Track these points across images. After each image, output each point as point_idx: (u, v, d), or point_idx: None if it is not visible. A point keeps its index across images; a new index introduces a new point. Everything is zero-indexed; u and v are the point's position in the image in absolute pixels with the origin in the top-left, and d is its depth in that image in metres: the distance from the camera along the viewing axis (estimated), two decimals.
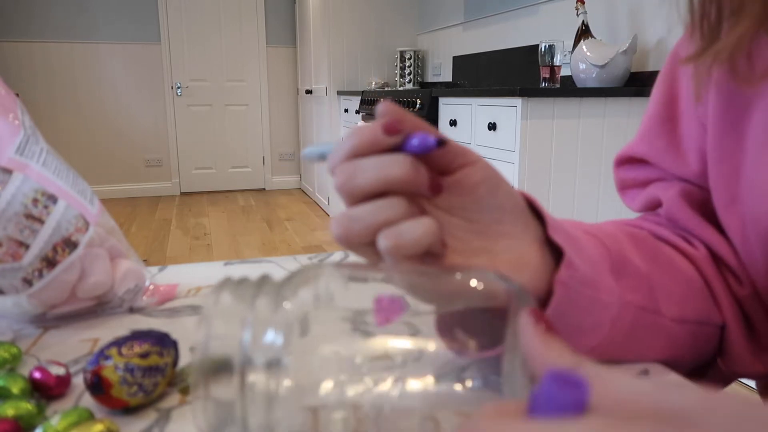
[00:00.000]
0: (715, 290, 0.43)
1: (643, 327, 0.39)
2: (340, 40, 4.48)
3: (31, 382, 0.38)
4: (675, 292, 0.41)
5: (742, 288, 0.44)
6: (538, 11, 3.02)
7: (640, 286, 0.40)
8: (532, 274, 0.33)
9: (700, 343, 0.43)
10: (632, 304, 0.39)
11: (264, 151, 5.85)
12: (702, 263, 0.44)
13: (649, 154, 0.50)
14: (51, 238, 0.48)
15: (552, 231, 0.34)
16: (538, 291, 0.34)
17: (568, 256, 0.34)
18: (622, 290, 0.38)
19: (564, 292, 0.34)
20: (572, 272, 0.34)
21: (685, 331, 0.41)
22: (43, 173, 0.48)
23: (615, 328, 0.38)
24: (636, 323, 0.39)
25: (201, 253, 3.61)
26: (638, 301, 0.39)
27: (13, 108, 0.50)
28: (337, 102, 4.55)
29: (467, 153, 0.32)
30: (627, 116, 2.17)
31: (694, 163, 0.47)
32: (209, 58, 5.52)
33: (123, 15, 5.22)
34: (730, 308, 0.43)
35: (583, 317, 0.36)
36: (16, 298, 0.48)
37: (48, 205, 0.48)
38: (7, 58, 4.95)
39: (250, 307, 0.26)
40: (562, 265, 0.34)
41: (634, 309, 0.39)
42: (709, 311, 0.43)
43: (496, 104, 2.21)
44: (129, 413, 0.37)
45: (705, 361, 0.45)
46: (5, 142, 0.47)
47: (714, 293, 0.43)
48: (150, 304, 0.56)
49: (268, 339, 0.25)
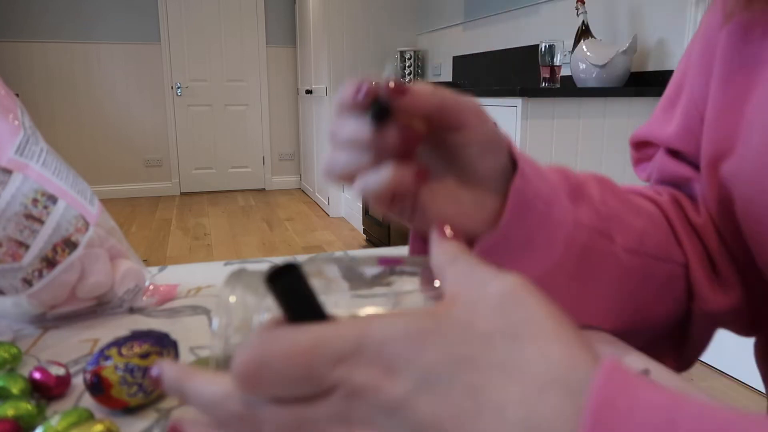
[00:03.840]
0: (677, 228, 0.45)
1: (595, 253, 0.40)
2: (340, 40, 4.48)
3: (31, 382, 0.38)
4: (634, 224, 0.42)
5: (698, 216, 0.46)
6: (538, 11, 3.02)
7: (597, 212, 0.40)
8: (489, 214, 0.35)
9: (660, 282, 0.44)
10: (586, 226, 0.39)
11: (264, 151, 5.84)
12: (665, 205, 0.46)
13: (650, 134, 0.53)
14: (51, 238, 0.48)
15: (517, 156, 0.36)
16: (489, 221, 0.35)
17: (521, 167, 0.35)
18: (577, 212, 0.39)
19: (517, 198, 0.35)
20: (525, 183, 0.35)
21: (641, 264, 0.42)
22: (43, 173, 0.48)
23: (568, 249, 0.38)
24: (589, 247, 0.39)
25: (201, 253, 3.61)
26: (592, 224, 0.40)
27: (13, 108, 0.50)
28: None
29: (464, 112, 0.33)
30: (627, 116, 2.17)
31: (676, 124, 0.49)
32: (209, 58, 5.51)
33: (123, 15, 5.22)
34: (691, 244, 0.44)
35: (534, 232, 0.37)
36: (16, 298, 0.48)
37: (48, 205, 0.48)
38: (7, 58, 4.95)
39: (264, 296, 0.26)
40: (516, 175, 0.35)
41: (587, 231, 0.39)
42: (669, 247, 0.44)
43: (496, 104, 2.21)
44: (129, 413, 0.37)
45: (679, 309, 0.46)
46: (5, 143, 0.47)
47: (675, 231, 0.45)
48: (150, 304, 0.56)
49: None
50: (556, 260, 0.38)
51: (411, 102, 0.31)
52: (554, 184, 0.39)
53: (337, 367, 0.19)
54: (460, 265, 0.23)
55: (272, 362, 0.20)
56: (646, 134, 0.53)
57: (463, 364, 0.19)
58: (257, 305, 0.26)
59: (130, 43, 5.28)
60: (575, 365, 0.18)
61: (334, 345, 0.20)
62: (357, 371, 0.19)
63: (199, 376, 0.23)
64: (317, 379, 0.20)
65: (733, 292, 0.46)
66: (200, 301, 0.57)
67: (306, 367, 0.20)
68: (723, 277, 0.45)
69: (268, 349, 0.20)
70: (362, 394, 0.19)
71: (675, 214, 0.46)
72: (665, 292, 0.44)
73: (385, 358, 0.19)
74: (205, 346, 0.47)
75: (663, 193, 0.48)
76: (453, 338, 0.19)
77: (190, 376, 0.23)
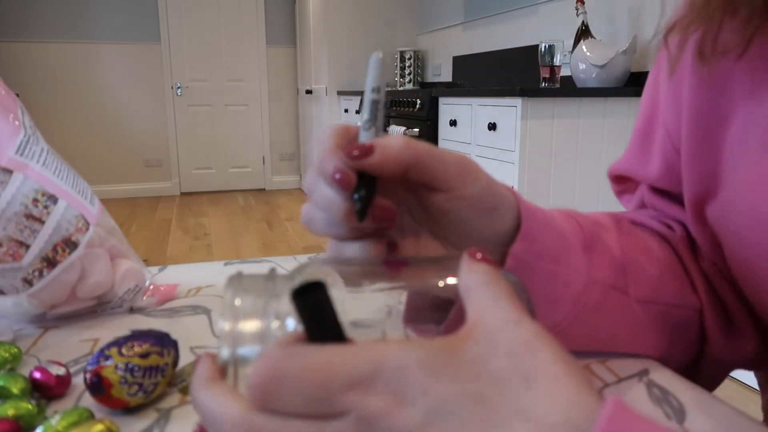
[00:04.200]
0: (691, 272, 0.43)
1: (611, 306, 0.39)
2: (340, 40, 4.48)
3: (31, 382, 0.38)
4: (649, 273, 0.41)
5: (703, 259, 0.44)
6: (538, 11, 3.02)
7: (612, 263, 0.39)
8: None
9: (674, 328, 0.43)
10: (599, 283, 0.38)
11: (264, 151, 5.84)
12: (679, 245, 0.44)
13: (630, 171, 0.51)
14: (51, 238, 0.48)
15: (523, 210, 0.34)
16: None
17: (524, 229, 0.34)
18: (592, 267, 0.38)
19: (515, 263, 0.34)
20: (527, 245, 0.34)
21: (654, 312, 0.41)
22: (43, 173, 0.48)
23: (579, 304, 0.38)
24: (604, 302, 0.39)
25: (201, 253, 3.61)
26: (607, 279, 0.39)
27: (13, 108, 0.50)
28: (337, 102, 4.55)
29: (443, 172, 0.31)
30: (627, 116, 2.17)
31: (656, 163, 0.46)
32: (209, 58, 5.51)
33: (123, 15, 5.22)
34: (704, 289, 0.43)
35: (538, 291, 0.36)
36: (16, 298, 0.48)
37: (48, 205, 0.48)
38: (7, 58, 4.95)
39: (270, 298, 0.26)
40: (517, 238, 0.34)
41: (601, 287, 0.38)
42: (683, 294, 0.42)
43: (496, 104, 2.21)
44: (129, 413, 0.37)
45: (693, 351, 0.45)
46: (5, 142, 0.47)
47: (689, 275, 0.43)
48: (150, 304, 0.56)
49: (290, 326, 0.25)
50: (567, 314, 0.38)
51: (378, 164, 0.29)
52: (566, 236, 0.37)
53: (351, 391, 0.20)
54: (487, 291, 0.23)
55: (288, 377, 0.20)
56: (626, 170, 0.51)
57: (475, 400, 0.19)
58: (263, 309, 0.26)
59: (130, 43, 5.28)
60: (583, 407, 0.19)
61: (350, 368, 0.20)
62: (370, 397, 0.20)
63: (213, 388, 0.23)
64: (330, 400, 0.20)
65: (747, 340, 0.43)
66: (200, 301, 0.57)
67: (320, 386, 0.20)
68: (737, 325, 0.43)
69: (286, 364, 0.21)
70: (374, 420, 0.19)
71: (688, 255, 0.44)
72: (678, 336, 0.43)
73: (399, 385, 0.19)
74: (205, 346, 0.47)
75: (676, 228, 0.46)
76: (467, 374, 0.20)
77: (206, 385, 0.23)
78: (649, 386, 0.39)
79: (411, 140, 0.30)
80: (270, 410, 0.21)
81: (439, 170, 0.31)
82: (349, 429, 0.20)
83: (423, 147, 0.30)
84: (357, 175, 0.30)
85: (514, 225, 0.35)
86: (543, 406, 0.19)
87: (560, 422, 0.18)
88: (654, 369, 0.42)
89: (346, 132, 0.32)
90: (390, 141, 0.30)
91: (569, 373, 0.19)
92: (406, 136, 0.31)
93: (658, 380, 0.40)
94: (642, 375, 0.41)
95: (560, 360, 0.20)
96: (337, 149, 0.30)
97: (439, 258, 0.32)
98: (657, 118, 0.47)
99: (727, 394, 1.86)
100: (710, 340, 0.43)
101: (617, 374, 0.41)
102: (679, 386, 0.39)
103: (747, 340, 0.43)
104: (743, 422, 0.35)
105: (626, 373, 0.41)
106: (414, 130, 2.87)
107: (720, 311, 0.43)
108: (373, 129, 0.31)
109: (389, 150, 0.29)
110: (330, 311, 0.22)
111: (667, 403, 0.37)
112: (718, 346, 0.43)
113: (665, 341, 0.42)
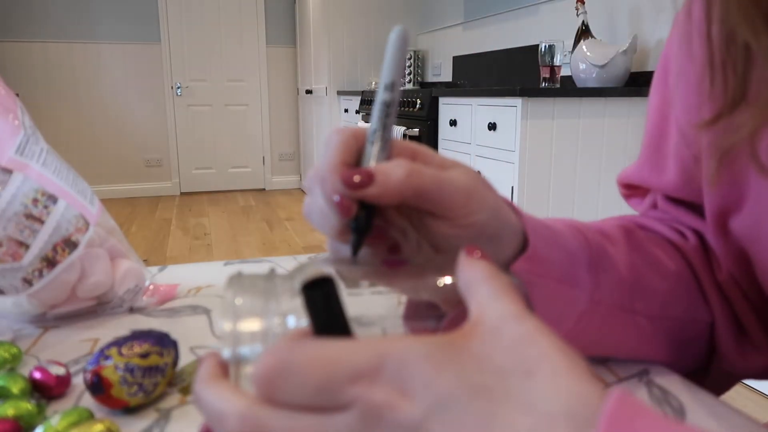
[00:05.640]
0: (703, 284, 0.42)
1: (615, 323, 0.39)
2: (340, 40, 4.48)
3: (31, 382, 0.38)
4: (658, 289, 0.40)
5: (720, 272, 0.42)
6: (538, 11, 3.02)
7: (619, 281, 0.39)
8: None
9: (683, 341, 0.42)
10: (604, 304, 0.38)
11: (264, 151, 5.84)
12: (693, 255, 0.43)
13: (642, 181, 0.49)
14: (51, 238, 0.48)
15: (529, 230, 0.34)
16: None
17: (530, 252, 0.34)
18: (596, 287, 0.38)
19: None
20: (530, 266, 0.34)
21: (661, 327, 0.41)
22: (43, 173, 0.48)
23: (583, 322, 0.38)
24: (608, 320, 0.39)
25: (201, 253, 3.61)
26: (612, 299, 0.38)
27: (13, 108, 0.50)
28: (337, 102, 4.55)
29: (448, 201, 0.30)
30: (627, 116, 2.17)
31: (672, 172, 0.44)
32: (209, 58, 5.51)
33: (123, 15, 5.22)
34: (718, 302, 0.42)
35: (542, 308, 0.35)
36: (16, 298, 0.48)
37: (48, 205, 0.48)
38: (7, 58, 4.94)
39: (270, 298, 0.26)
40: (521, 258, 0.34)
41: (606, 307, 0.38)
42: (695, 307, 0.42)
43: (496, 104, 2.21)
44: (129, 413, 0.37)
45: (702, 360, 0.45)
46: (5, 142, 0.47)
47: (702, 287, 0.42)
48: (150, 304, 0.56)
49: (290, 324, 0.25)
50: (570, 330, 0.38)
51: (376, 195, 0.28)
52: (572, 252, 0.37)
53: (356, 383, 0.20)
54: (487, 287, 0.23)
55: (293, 368, 0.20)
56: (638, 180, 0.49)
57: (478, 393, 0.19)
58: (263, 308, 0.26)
59: (130, 43, 5.28)
60: (585, 398, 0.19)
61: (355, 360, 0.20)
62: (375, 389, 0.20)
63: (217, 385, 0.23)
64: (335, 393, 0.20)
65: (762, 353, 0.43)
66: (200, 301, 0.57)
67: (326, 378, 0.20)
68: (751, 338, 0.42)
69: (292, 355, 0.21)
70: (378, 413, 0.20)
71: (702, 265, 0.42)
72: (686, 350, 0.43)
73: (404, 379, 0.20)
74: (205, 346, 0.47)
75: (689, 237, 0.44)
76: (471, 367, 0.20)
77: (210, 382, 0.23)
78: (649, 386, 0.39)
79: (416, 168, 0.28)
80: (275, 403, 0.21)
81: (443, 200, 0.30)
82: (354, 421, 0.20)
83: (428, 176, 0.29)
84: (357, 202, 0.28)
85: (519, 249, 0.34)
86: (545, 399, 0.19)
87: (562, 414, 0.18)
88: (654, 369, 0.42)
89: (353, 140, 0.30)
90: (392, 169, 0.28)
91: (571, 366, 0.20)
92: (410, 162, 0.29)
93: (658, 380, 0.40)
94: (642, 375, 0.41)
95: (562, 353, 0.20)
96: (339, 167, 0.29)
97: (437, 258, 0.32)
98: (669, 121, 0.44)
99: (727, 393, 1.86)
100: (722, 353, 0.42)
101: (617, 374, 0.41)
102: (679, 386, 0.39)
103: (761, 353, 0.43)
104: (743, 422, 0.35)
105: (626, 373, 0.41)
106: (414, 130, 2.87)
107: (734, 325, 0.42)
108: (380, 143, 0.29)
109: (390, 180, 0.28)
110: (338, 306, 0.22)
111: (667, 403, 0.37)
112: (730, 358, 0.43)
113: (672, 353, 0.42)
